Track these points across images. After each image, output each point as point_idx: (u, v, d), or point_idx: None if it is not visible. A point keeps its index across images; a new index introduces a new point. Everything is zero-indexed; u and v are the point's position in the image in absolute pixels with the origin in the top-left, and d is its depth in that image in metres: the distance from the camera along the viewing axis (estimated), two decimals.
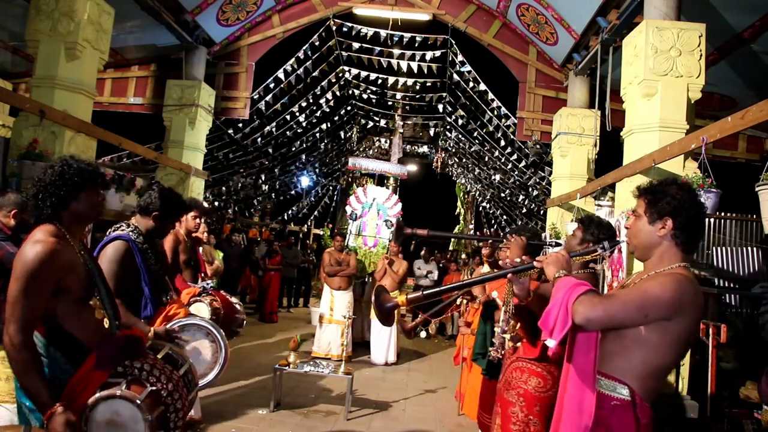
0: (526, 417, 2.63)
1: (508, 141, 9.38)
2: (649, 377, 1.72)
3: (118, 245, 2.57)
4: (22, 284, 1.81)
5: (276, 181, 15.36)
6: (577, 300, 1.64)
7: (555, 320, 1.68)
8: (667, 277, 1.71)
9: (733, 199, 4.52)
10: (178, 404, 1.95)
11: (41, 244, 1.86)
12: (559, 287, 1.74)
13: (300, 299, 12.73)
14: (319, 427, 4.47)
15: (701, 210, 1.83)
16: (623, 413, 1.69)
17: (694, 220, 1.80)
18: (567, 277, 1.79)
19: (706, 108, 7.44)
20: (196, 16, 7.74)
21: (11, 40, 7.56)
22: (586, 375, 1.73)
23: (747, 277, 4.92)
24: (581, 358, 1.75)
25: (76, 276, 1.94)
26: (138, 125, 8.95)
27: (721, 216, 4.30)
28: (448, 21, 8.65)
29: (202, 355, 2.54)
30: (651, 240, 1.82)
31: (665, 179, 1.89)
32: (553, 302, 1.72)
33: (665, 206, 1.78)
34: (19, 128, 4.96)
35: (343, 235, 8.21)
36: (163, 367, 2.01)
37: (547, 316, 1.72)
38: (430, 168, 17.42)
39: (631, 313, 1.65)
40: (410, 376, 6.66)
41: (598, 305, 1.63)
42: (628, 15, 5.76)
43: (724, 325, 3.71)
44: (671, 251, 1.80)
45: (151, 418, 1.83)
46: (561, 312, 1.67)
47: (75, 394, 1.85)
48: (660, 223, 1.79)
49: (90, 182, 2.01)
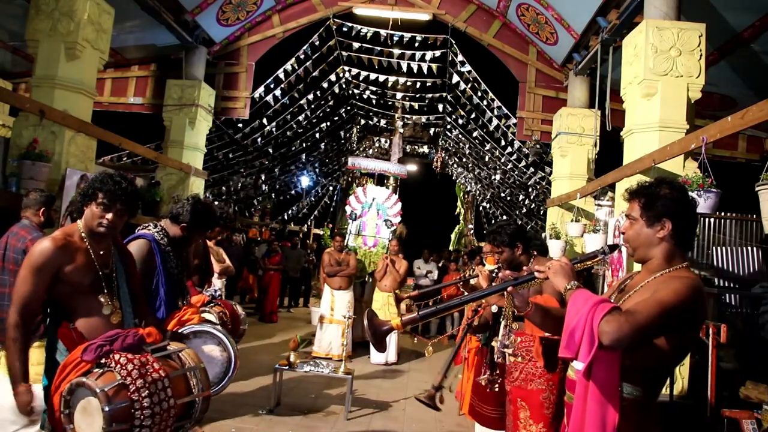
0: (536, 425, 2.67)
1: (508, 141, 9.38)
2: (657, 376, 1.74)
3: (140, 243, 2.65)
4: (24, 272, 2.09)
5: (276, 181, 15.36)
6: (603, 320, 1.57)
7: (579, 340, 1.61)
8: (680, 284, 1.68)
9: (733, 199, 4.52)
10: (147, 402, 1.91)
11: (48, 240, 2.14)
12: (578, 303, 1.66)
13: (300, 299, 12.73)
14: (319, 427, 4.47)
15: (695, 207, 1.85)
16: (634, 413, 1.70)
17: (691, 218, 1.81)
18: (581, 290, 1.72)
19: (706, 108, 7.43)
20: (196, 16, 7.74)
21: (11, 40, 7.56)
22: (610, 390, 1.67)
23: (747, 277, 4.92)
24: (602, 374, 1.69)
25: (78, 270, 2.14)
26: (138, 125, 8.95)
27: (721, 216, 4.30)
28: (448, 21, 8.64)
29: (211, 363, 2.53)
30: (651, 242, 1.81)
31: (656, 179, 1.88)
32: (576, 321, 1.64)
33: (662, 208, 1.77)
34: (19, 128, 4.96)
35: (342, 235, 8.20)
36: (144, 364, 1.99)
37: (570, 337, 1.64)
38: (430, 168, 17.42)
39: (656, 326, 1.63)
40: (410, 376, 6.66)
41: (625, 325, 1.57)
42: (628, 15, 5.75)
43: (724, 325, 3.71)
44: (672, 251, 1.79)
45: (109, 409, 1.84)
46: (586, 333, 1.60)
47: (59, 380, 1.99)
48: (659, 225, 1.78)
49: (92, 198, 2.20)
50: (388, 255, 7.41)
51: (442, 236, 18.46)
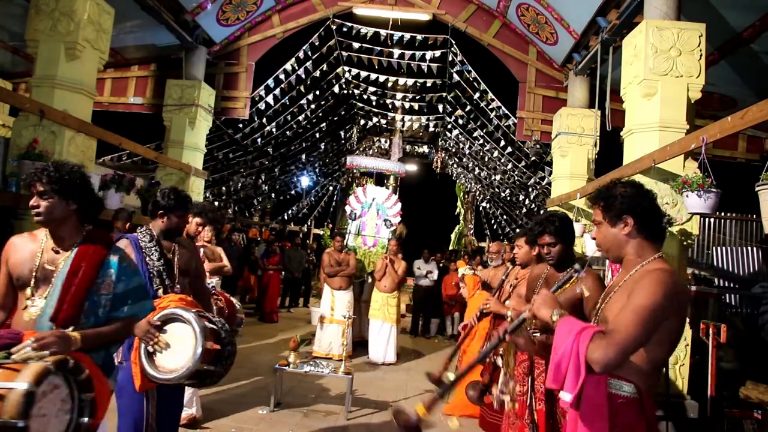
0: None
1: (508, 141, 9.38)
2: (650, 372, 1.76)
3: (121, 243, 2.72)
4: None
5: (276, 181, 15.37)
6: (589, 349, 1.61)
7: (565, 371, 1.64)
8: (651, 284, 1.71)
9: (733, 199, 4.52)
10: None
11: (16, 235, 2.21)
12: (562, 333, 1.70)
13: (300, 299, 12.73)
14: (319, 427, 4.47)
15: (653, 198, 1.90)
16: (630, 410, 1.72)
17: (651, 209, 1.87)
18: (564, 319, 1.76)
19: (706, 108, 7.43)
20: (196, 16, 7.74)
21: (11, 40, 7.56)
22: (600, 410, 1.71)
23: (747, 277, 4.92)
24: (591, 392, 1.72)
25: (17, 264, 2.13)
26: (138, 125, 8.95)
27: (721, 216, 4.31)
28: (448, 21, 8.65)
29: (185, 347, 2.43)
30: (619, 241, 1.88)
31: (609, 182, 1.95)
32: (561, 352, 1.66)
33: (621, 206, 1.84)
34: (19, 128, 4.96)
35: (342, 235, 8.20)
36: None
37: (556, 368, 1.67)
38: (430, 168, 17.43)
39: (640, 337, 1.66)
40: (410, 376, 6.66)
41: (609, 349, 1.60)
42: (628, 15, 5.75)
43: (724, 325, 3.71)
44: (642, 245, 1.85)
45: None
46: (572, 362, 1.62)
47: None
48: (621, 223, 1.86)
49: None
50: (387, 255, 7.41)
51: (442, 236, 18.49)
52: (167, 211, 2.85)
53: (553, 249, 2.83)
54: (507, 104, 8.74)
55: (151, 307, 2.39)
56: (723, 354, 4.27)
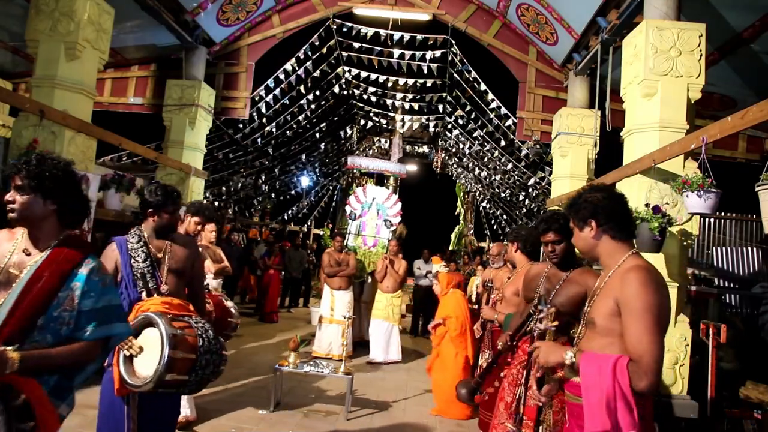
0: None
1: (508, 141, 9.38)
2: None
3: (108, 246, 2.75)
4: None
5: (276, 181, 15.36)
6: (632, 382, 1.67)
7: (615, 410, 1.66)
8: (638, 288, 1.76)
9: (733, 199, 4.52)
10: None
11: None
12: (591, 372, 1.73)
13: (300, 299, 12.74)
14: (319, 427, 4.47)
15: (616, 197, 1.99)
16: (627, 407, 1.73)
17: (613, 209, 1.95)
18: (584, 355, 1.80)
19: (706, 108, 7.43)
20: (196, 16, 7.74)
21: (11, 40, 7.56)
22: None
23: (747, 277, 4.92)
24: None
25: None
26: (138, 125, 8.95)
27: (721, 216, 4.30)
28: (448, 21, 8.64)
29: (155, 355, 2.32)
30: (588, 244, 1.99)
31: (577, 191, 2.07)
32: (598, 394, 1.68)
33: (584, 211, 1.97)
34: (19, 128, 4.96)
35: (342, 235, 8.21)
36: None
37: (605, 408, 1.67)
38: (430, 168, 17.43)
39: (661, 342, 1.72)
40: (410, 376, 6.66)
41: (650, 373, 1.67)
42: (628, 15, 5.75)
43: (724, 325, 3.72)
44: (612, 245, 1.95)
45: None
46: (619, 402, 1.66)
47: None
48: (587, 226, 1.97)
49: None
50: (387, 256, 7.41)
51: (442, 236, 18.48)
52: (156, 209, 2.79)
53: (558, 247, 2.86)
54: (507, 104, 8.74)
55: (128, 331, 2.09)
56: (723, 354, 4.26)
